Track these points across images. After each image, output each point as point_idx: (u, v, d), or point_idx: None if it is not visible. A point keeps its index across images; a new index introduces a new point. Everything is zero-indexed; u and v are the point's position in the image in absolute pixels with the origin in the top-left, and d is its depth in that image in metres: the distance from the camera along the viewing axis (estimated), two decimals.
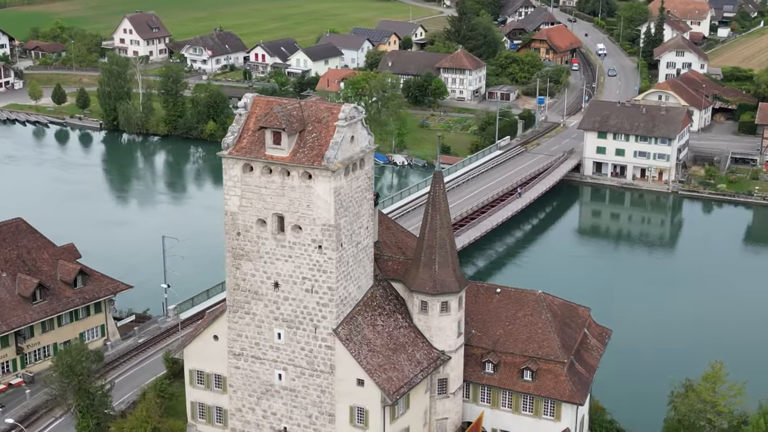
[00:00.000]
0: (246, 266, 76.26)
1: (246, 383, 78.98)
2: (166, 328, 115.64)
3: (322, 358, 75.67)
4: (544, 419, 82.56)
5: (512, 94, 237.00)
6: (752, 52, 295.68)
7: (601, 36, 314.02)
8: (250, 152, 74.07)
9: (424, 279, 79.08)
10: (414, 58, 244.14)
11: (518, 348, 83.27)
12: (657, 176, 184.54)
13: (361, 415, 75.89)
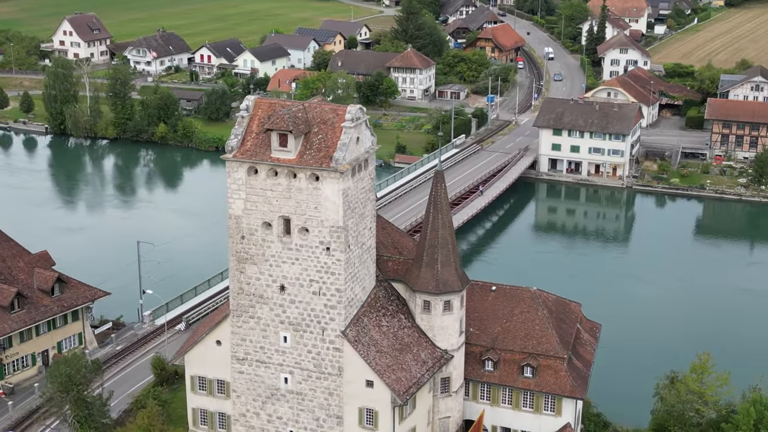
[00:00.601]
0: (250, 270, 75.53)
1: (250, 388, 78.23)
2: (143, 335, 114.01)
3: (329, 360, 75.32)
4: (544, 414, 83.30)
5: (462, 92, 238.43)
6: (689, 49, 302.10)
7: (542, 35, 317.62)
8: (255, 155, 73.40)
9: (427, 279, 79.22)
10: (363, 58, 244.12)
11: (517, 345, 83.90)
12: (611, 172, 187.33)
13: (370, 416, 75.73)
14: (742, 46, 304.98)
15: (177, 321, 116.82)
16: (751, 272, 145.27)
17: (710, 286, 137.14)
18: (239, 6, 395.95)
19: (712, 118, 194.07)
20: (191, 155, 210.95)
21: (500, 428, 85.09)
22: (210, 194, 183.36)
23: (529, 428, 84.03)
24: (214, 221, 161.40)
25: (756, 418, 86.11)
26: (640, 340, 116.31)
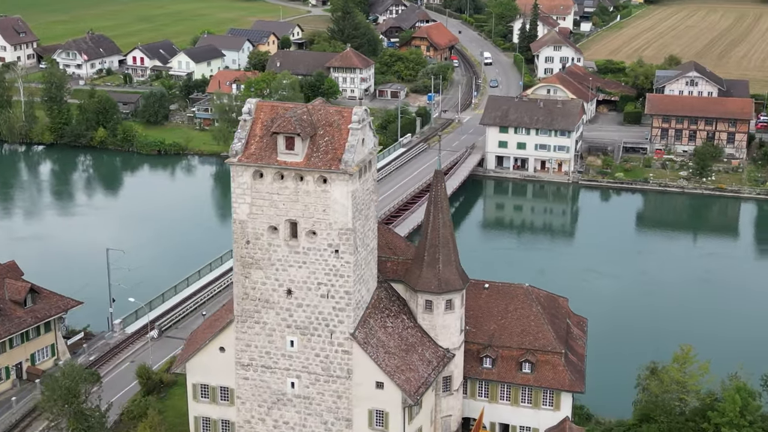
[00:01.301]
0: (256, 275, 74.70)
1: (255, 394, 77.39)
2: (114, 344, 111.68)
3: (338, 363, 74.95)
4: (543, 409, 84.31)
5: (402, 92, 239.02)
6: (616, 45, 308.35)
7: (472, 34, 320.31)
8: (261, 158, 72.63)
9: (429, 278, 79.41)
10: (302, 58, 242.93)
11: (514, 341, 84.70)
12: (557, 168, 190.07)
13: (380, 418, 75.63)
14: (666, 42, 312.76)
15: (149, 329, 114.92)
16: (706, 263, 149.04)
17: (671, 277, 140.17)
18: (164, 6, 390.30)
19: (652, 113, 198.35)
20: (132, 159, 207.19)
21: (498, 425, 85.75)
22: (161, 198, 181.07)
23: (528, 424, 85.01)
24: (171, 225, 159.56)
25: (741, 405, 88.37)
26: (612, 332, 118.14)
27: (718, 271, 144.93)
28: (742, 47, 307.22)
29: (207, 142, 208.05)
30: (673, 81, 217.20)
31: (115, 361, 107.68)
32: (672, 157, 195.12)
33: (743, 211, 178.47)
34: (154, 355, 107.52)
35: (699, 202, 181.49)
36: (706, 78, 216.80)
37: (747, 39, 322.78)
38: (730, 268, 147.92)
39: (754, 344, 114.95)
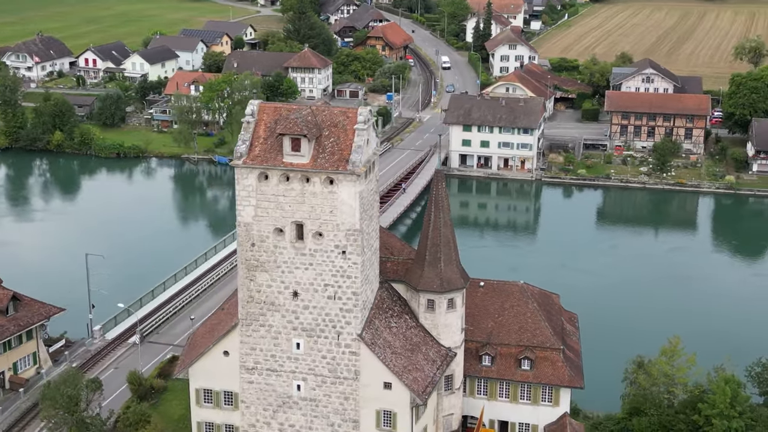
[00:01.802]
0: (261, 277, 74.09)
1: (260, 397, 76.74)
2: (96, 351, 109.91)
3: (345, 364, 74.66)
4: (542, 405, 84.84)
5: (360, 91, 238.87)
6: (567, 44, 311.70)
7: (425, 33, 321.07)
8: (266, 160, 72.04)
9: (431, 277, 79.45)
10: (259, 59, 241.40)
11: (512, 339, 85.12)
12: (520, 165, 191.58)
13: (387, 418, 75.51)
14: (615, 40, 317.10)
15: (130, 334, 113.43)
16: (674, 257, 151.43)
17: (643, 272, 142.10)
18: (111, 8, 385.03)
19: (611, 109, 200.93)
20: (90, 163, 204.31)
21: (498, 422, 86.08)
22: (126, 202, 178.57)
23: (527, 420, 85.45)
24: (140, 230, 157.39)
25: (731, 396, 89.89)
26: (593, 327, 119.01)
27: (687, 265, 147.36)
28: (689, 44, 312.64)
29: (167, 144, 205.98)
30: (629, 78, 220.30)
31: (98, 369, 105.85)
32: (632, 153, 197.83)
33: (705, 206, 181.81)
34: (137, 361, 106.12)
35: (660, 197, 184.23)
36: (661, 75, 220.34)
37: (693, 36, 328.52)
38: (698, 262, 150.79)
39: (732, 336, 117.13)
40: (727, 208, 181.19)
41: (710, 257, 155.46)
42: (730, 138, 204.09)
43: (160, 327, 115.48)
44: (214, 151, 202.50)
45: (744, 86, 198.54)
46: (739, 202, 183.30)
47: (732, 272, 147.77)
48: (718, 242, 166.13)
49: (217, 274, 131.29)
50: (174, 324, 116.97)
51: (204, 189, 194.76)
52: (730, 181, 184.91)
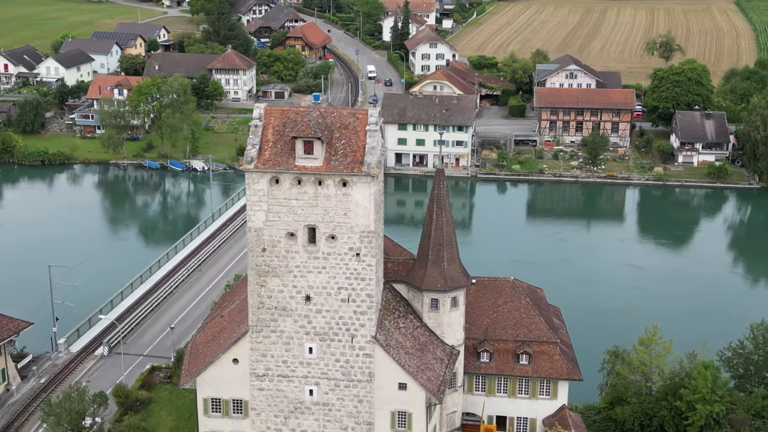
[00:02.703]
0: (272, 283, 73.11)
1: (271, 404, 75.73)
2: (62, 364, 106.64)
3: (359, 367, 74.28)
4: (540, 399, 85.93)
5: (285, 92, 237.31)
6: (480, 41, 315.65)
7: (338, 33, 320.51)
8: (278, 164, 71.12)
9: (434, 277, 79.65)
10: (182, 60, 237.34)
11: (509, 334, 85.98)
12: (455, 162, 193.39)
13: (402, 419, 75.45)
14: (527, 37, 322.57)
15: (95, 346, 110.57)
16: (625, 249, 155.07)
17: (594, 264, 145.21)
18: (8, 11, 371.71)
19: (541, 106, 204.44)
20: (13, 172, 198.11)
21: (496, 417, 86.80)
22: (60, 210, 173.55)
23: (525, 414, 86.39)
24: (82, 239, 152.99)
25: (712, 381, 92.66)
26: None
27: (640, 257, 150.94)
28: (598, 40, 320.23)
29: (93, 150, 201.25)
30: (553, 74, 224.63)
31: (68, 382, 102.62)
32: (562, 148, 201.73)
33: (637, 197, 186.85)
34: (110, 374, 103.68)
35: (593, 190, 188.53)
36: (584, 71, 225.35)
37: (600, 33, 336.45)
38: (646, 252, 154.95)
39: (695, 322, 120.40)
40: (657, 198, 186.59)
41: (653, 247, 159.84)
42: (654, 131, 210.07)
43: (127, 337, 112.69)
44: (144, 156, 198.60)
45: (666, 80, 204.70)
46: (668, 192, 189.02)
47: (676, 260, 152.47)
48: (658, 232, 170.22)
49: (175, 281, 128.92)
50: (140, 334, 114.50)
51: (140, 194, 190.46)
52: (658, 173, 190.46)
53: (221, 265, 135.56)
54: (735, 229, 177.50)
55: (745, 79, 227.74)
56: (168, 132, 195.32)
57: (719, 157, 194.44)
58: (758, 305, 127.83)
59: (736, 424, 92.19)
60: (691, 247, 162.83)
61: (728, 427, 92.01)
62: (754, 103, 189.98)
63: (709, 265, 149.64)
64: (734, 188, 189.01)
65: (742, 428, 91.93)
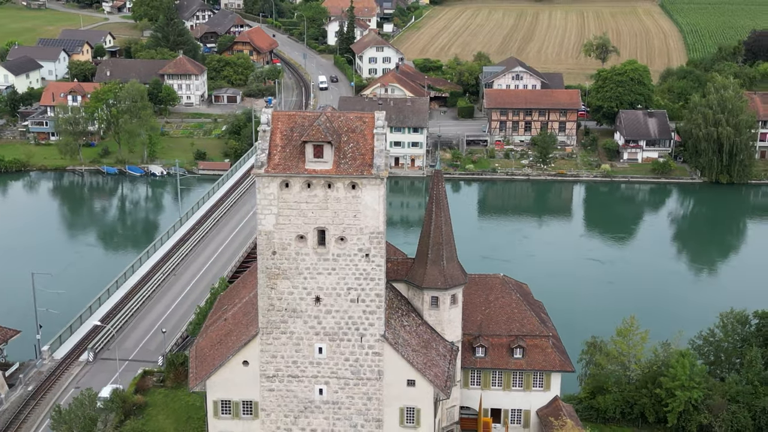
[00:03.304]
0: (282, 285, 72.60)
1: (281, 404, 75.18)
2: (48, 372, 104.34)
3: (368, 365, 74.16)
4: (534, 391, 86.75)
5: (237, 96, 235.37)
6: (422, 44, 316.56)
7: (282, 37, 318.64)
8: (288, 168, 70.64)
9: (435, 275, 79.91)
10: (133, 66, 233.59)
11: (502, 329, 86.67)
12: (411, 163, 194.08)
13: (411, 415, 75.51)
14: (466, 40, 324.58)
15: (78, 352, 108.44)
16: (586, 243, 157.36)
17: (560, 257, 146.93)
18: None
19: (491, 107, 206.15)
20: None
21: (491, 410, 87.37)
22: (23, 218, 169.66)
23: (520, 406, 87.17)
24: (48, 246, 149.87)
25: (690, 369, 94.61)
26: None
27: (600, 251, 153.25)
28: (535, 43, 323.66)
29: (49, 156, 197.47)
30: (500, 76, 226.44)
31: (57, 390, 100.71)
32: (512, 147, 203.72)
33: (587, 193, 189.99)
34: (97, 379, 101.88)
35: (545, 188, 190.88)
36: (530, 72, 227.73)
37: (536, 35, 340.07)
38: (606, 246, 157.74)
39: (662, 313, 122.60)
40: (605, 194, 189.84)
41: (611, 241, 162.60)
42: (599, 129, 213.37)
43: (110, 343, 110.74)
44: (101, 162, 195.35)
45: (609, 80, 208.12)
46: (615, 188, 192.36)
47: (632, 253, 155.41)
48: (612, 227, 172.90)
49: (151, 285, 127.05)
50: (123, 339, 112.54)
51: (102, 200, 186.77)
52: (606, 170, 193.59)
53: (195, 268, 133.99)
54: (680, 222, 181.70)
55: (681, 78, 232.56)
56: (126, 137, 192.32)
57: (662, 153, 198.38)
58: (720, 295, 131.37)
59: (713, 410, 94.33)
60: (644, 241, 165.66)
61: (706, 412, 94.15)
62: (694, 101, 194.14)
63: (664, 257, 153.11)
64: (678, 183, 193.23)
65: (719, 413, 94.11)
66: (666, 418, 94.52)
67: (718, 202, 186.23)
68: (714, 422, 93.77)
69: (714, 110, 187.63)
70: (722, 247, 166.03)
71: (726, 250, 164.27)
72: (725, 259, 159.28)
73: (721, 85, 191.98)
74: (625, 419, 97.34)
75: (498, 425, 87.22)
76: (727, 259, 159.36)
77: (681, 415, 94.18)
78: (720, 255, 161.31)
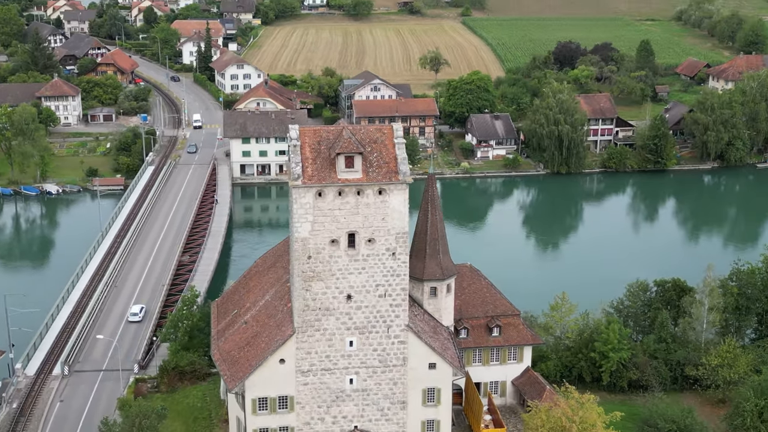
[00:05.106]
0: (317, 286, 71.39)
1: (315, 396, 73.92)
2: (26, 388, 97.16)
3: (394, 353, 74.17)
4: (509, 364, 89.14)
5: (113, 114, 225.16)
6: (269, 61, 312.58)
7: (136, 58, 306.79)
8: (322, 179, 69.55)
9: (433, 267, 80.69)
10: (9, 90, 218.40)
11: (479, 311, 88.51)
12: None
13: (432, 394, 76.03)
14: (308, 56, 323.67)
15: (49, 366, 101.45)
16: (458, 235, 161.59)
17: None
18: None
19: (360, 115, 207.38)
20: None
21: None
22: None
23: (497, 378, 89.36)
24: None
25: (617, 336, 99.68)
26: None
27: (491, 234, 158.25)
28: (369, 58, 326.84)
29: None
30: (360, 88, 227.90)
31: (44, 405, 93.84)
32: None
33: (452, 189, 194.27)
34: (81, 390, 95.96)
35: (415, 186, 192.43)
36: (385, 84, 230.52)
37: (367, 51, 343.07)
38: (499, 233, 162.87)
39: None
40: (465, 189, 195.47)
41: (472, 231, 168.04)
42: (452, 132, 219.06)
43: (78, 355, 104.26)
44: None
45: (459, 89, 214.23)
46: (474, 183, 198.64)
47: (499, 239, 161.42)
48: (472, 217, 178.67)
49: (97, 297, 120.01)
50: (89, 350, 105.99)
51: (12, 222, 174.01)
52: (465, 167, 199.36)
53: (134, 276, 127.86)
54: (527, 209, 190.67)
55: (511, 85, 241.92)
56: (19, 159, 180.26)
57: (509, 150, 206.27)
58: (569, 268, 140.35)
59: (639, 366, 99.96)
60: (496, 228, 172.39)
61: (634, 368, 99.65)
62: (537, 104, 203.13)
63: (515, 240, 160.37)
64: (525, 175, 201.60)
65: (644, 369, 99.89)
66: (601, 377, 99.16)
67: (560, 190, 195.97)
68: (641, 377, 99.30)
69: (554, 111, 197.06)
70: (564, 226, 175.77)
71: (567, 230, 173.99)
72: (567, 238, 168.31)
73: (557, 90, 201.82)
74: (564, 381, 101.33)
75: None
76: (568, 238, 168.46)
77: (612, 374, 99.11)
78: (563, 234, 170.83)
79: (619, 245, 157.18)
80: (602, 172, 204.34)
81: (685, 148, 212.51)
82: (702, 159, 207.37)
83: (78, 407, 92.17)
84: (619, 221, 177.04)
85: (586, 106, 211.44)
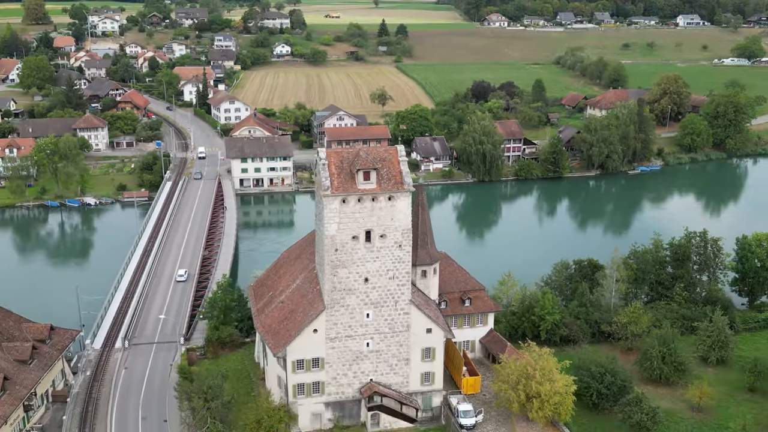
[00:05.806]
0: (342, 272, 71.05)
1: (340, 357, 73.53)
2: (96, 359, 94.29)
3: (400, 322, 74.28)
4: (477, 327, 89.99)
5: (133, 141, 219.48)
6: (251, 98, 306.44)
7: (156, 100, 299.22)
8: (346, 189, 69.30)
9: (424, 255, 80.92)
10: (50, 124, 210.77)
11: (453, 287, 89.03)
12: (281, 182, 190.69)
13: (428, 353, 76.24)
14: (282, 93, 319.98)
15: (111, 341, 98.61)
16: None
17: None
18: None
19: (331, 139, 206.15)
20: None
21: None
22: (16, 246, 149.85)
23: (468, 338, 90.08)
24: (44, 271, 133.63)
25: (552, 303, 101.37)
26: None
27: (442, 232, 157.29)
28: (329, 95, 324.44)
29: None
30: (329, 118, 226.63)
31: (112, 372, 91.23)
32: None
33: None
34: (140, 360, 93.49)
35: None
36: (348, 114, 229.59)
37: (327, 90, 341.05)
38: (444, 229, 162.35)
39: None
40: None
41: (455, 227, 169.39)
42: None
43: (134, 331, 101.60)
44: (42, 198, 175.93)
45: (406, 118, 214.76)
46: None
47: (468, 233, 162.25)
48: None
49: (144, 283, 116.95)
50: (142, 327, 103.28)
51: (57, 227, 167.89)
52: (416, 179, 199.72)
53: (170, 266, 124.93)
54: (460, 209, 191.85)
55: (443, 114, 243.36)
56: (63, 177, 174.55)
57: (446, 164, 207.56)
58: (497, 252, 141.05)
59: (567, 325, 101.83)
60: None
61: (564, 327, 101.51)
62: (465, 128, 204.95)
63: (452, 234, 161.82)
64: (458, 183, 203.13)
65: (571, 327, 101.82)
66: (539, 334, 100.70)
67: (484, 194, 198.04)
68: (570, 333, 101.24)
69: (479, 134, 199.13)
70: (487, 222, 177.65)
71: (491, 224, 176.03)
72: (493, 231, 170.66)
73: (480, 118, 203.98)
74: (512, 339, 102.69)
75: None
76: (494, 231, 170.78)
77: (548, 332, 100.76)
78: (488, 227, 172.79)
79: (536, 235, 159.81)
80: (515, 179, 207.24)
81: (575, 160, 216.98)
82: (588, 168, 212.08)
83: (139, 372, 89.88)
84: (530, 217, 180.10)
85: (501, 129, 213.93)
